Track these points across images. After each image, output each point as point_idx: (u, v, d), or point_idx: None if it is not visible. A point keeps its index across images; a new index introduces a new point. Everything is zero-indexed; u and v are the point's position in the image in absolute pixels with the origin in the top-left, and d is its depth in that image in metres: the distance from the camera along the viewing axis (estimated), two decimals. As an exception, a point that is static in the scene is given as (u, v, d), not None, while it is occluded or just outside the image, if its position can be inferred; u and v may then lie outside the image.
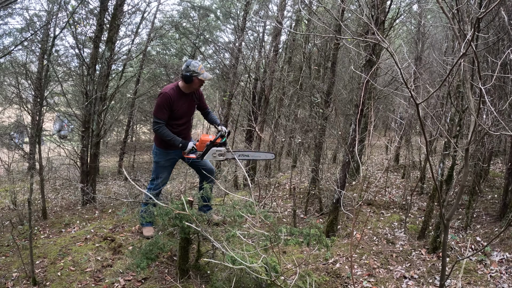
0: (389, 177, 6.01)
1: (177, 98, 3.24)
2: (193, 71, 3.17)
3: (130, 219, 4.06)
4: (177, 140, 3.24)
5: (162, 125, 3.21)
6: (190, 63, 3.19)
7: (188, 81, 3.19)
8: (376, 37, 1.57)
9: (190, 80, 3.19)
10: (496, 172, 5.70)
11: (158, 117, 3.20)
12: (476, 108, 1.71)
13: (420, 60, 7.82)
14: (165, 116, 3.21)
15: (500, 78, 3.80)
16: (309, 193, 4.48)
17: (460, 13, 2.56)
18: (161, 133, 3.21)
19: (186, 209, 1.94)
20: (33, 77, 7.33)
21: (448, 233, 2.33)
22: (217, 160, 3.64)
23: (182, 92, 3.29)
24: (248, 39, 10.64)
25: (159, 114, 3.20)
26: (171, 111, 3.24)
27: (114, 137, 14.08)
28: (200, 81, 3.26)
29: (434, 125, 4.43)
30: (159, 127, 3.21)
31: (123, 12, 6.57)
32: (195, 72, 3.18)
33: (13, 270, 2.99)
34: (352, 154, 3.44)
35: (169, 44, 13.32)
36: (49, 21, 6.70)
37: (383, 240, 3.45)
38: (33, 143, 6.17)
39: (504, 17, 3.13)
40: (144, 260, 2.36)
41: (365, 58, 3.35)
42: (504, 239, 3.11)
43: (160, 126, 3.21)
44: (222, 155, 3.38)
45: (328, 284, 2.64)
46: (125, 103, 10.04)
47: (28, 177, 7.08)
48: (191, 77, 3.18)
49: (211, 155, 3.33)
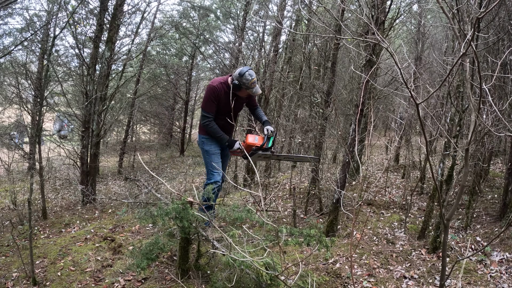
0: (389, 177, 6.01)
1: (223, 93, 3.14)
2: (244, 83, 3.09)
3: (130, 219, 4.07)
4: (224, 139, 3.18)
5: (211, 119, 3.14)
6: (244, 73, 3.06)
7: (235, 89, 3.12)
8: (376, 37, 1.57)
9: (237, 89, 3.12)
10: (496, 172, 5.70)
11: (207, 111, 3.12)
12: (476, 108, 1.71)
13: (420, 60, 7.82)
14: (213, 109, 3.12)
15: (500, 78, 3.80)
16: (309, 193, 4.47)
17: (460, 13, 2.56)
18: (210, 128, 3.14)
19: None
20: (33, 77, 7.33)
21: (448, 233, 2.33)
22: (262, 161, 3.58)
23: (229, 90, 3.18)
24: (248, 39, 10.64)
25: (207, 108, 3.12)
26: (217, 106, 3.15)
27: (114, 137, 14.08)
28: (248, 93, 3.20)
29: (434, 125, 4.43)
30: (208, 122, 3.13)
31: (123, 12, 6.57)
32: (245, 85, 3.10)
33: (13, 270, 2.99)
34: (352, 154, 3.44)
35: (169, 44, 13.32)
36: (49, 21, 6.70)
37: (383, 240, 3.45)
38: (33, 143, 6.17)
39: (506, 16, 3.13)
40: (144, 260, 2.36)
41: (365, 58, 3.35)
42: (504, 239, 3.10)
43: (209, 121, 3.14)
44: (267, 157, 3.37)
45: (328, 284, 2.64)
46: (125, 103, 10.04)
47: (28, 177, 7.08)
48: (240, 87, 3.11)
49: (256, 157, 3.32)
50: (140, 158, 2.96)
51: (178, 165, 11.17)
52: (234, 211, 2.44)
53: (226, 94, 3.15)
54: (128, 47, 8.88)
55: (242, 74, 3.06)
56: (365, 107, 4.54)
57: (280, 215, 4.37)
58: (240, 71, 3.08)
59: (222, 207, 2.60)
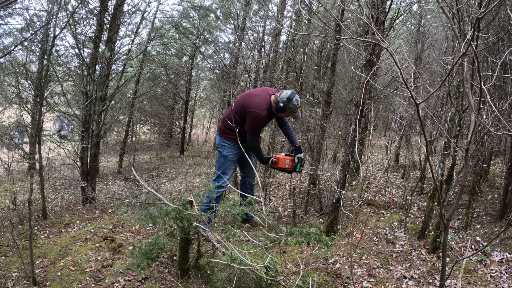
0: (389, 177, 6.01)
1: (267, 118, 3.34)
2: (290, 108, 3.24)
3: (130, 219, 4.07)
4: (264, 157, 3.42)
5: (258, 142, 3.38)
6: (292, 98, 3.22)
7: (280, 111, 3.27)
8: (376, 37, 1.57)
9: (281, 111, 3.28)
10: (496, 172, 5.70)
11: (255, 135, 3.34)
12: (476, 108, 1.71)
13: (420, 60, 7.82)
14: (259, 134, 3.39)
15: (500, 78, 3.80)
16: (308, 193, 4.47)
17: (460, 13, 2.56)
18: (256, 149, 3.37)
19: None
20: (33, 77, 7.33)
21: (448, 233, 2.33)
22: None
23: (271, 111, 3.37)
24: (248, 39, 10.65)
25: (256, 133, 3.33)
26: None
27: (114, 137, 14.07)
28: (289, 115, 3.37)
29: (434, 125, 4.42)
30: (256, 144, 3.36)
31: (123, 12, 6.57)
32: (291, 109, 3.25)
33: (13, 270, 2.99)
34: (352, 154, 3.44)
35: (169, 44, 13.32)
36: (49, 21, 6.70)
37: (383, 240, 3.45)
38: (33, 143, 6.17)
39: (506, 16, 3.13)
40: (144, 260, 2.36)
41: (365, 58, 3.35)
42: (504, 239, 3.10)
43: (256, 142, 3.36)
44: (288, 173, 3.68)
45: (328, 284, 2.64)
46: (125, 103, 10.03)
47: (28, 177, 7.08)
48: (284, 110, 3.26)
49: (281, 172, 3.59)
50: (134, 172, 2.95)
51: (178, 165, 11.16)
52: (235, 207, 2.44)
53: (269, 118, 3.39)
54: (128, 47, 8.88)
55: (291, 99, 3.21)
56: (365, 107, 4.54)
57: (280, 215, 4.36)
58: (289, 96, 3.21)
59: (223, 205, 2.60)
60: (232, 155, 3.42)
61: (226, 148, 3.40)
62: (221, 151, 3.43)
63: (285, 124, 3.62)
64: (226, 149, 3.40)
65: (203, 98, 17.91)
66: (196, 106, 17.76)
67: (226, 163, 3.41)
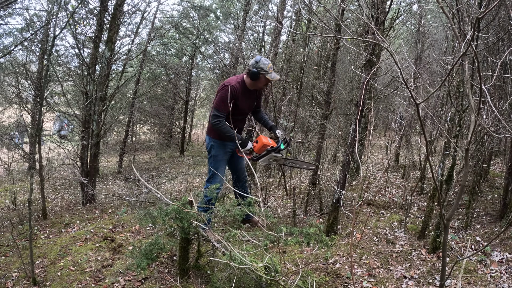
0: (389, 177, 6.01)
1: (241, 92, 3.11)
2: (262, 68, 3.04)
3: (130, 219, 4.07)
4: (237, 137, 3.10)
5: (222, 119, 3.06)
6: (259, 59, 3.05)
7: (255, 78, 3.07)
8: (376, 37, 1.57)
9: (256, 78, 3.07)
10: (496, 172, 5.70)
11: (220, 110, 3.04)
12: (476, 108, 1.71)
13: (420, 60, 7.82)
14: (227, 110, 3.02)
15: (500, 78, 3.80)
16: (308, 193, 4.47)
17: (460, 13, 2.56)
18: (220, 127, 3.06)
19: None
20: (33, 77, 7.33)
21: (448, 233, 2.33)
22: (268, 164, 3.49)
23: (246, 87, 3.17)
24: (248, 39, 10.64)
25: (221, 107, 3.04)
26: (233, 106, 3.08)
27: (114, 137, 14.07)
28: (267, 80, 3.12)
29: (434, 125, 4.43)
30: (219, 121, 3.05)
31: (123, 12, 6.57)
32: (263, 70, 3.04)
33: (13, 270, 2.99)
34: (352, 154, 3.44)
35: (169, 44, 13.33)
36: (49, 21, 6.70)
37: (383, 240, 3.45)
38: (33, 143, 6.17)
39: (506, 16, 3.13)
40: (144, 260, 2.36)
41: (365, 58, 3.35)
42: (504, 239, 3.10)
43: (220, 120, 3.06)
44: (277, 160, 3.26)
45: (328, 284, 2.64)
46: (125, 103, 10.03)
47: (28, 177, 7.08)
48: (258, 74, 3.05)
49: (267, 160, 3.21)
50: (135, 170, 2.96)
51: (178, 165, 11.17)
52: (234, 208, 2.44)
53: (244, 93, 3.13)
54: (128, 47, 8.88)
55: (258, 60, 3.04)
56: (365, 107, 4.54)
57: (280, 215, 4.37)
58: (255, 59, 3.06)
59: (222, 205, 2.60)
60: (222, 154, 3.28)
61: (214, 148, 3.26)
62: (210, 151, 3.31)
63: (258, 112, 3.46)
64: (215, 148, 3.26)
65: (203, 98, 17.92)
66: (196, 106, 17.76)
67: (216, 163, 3.27)
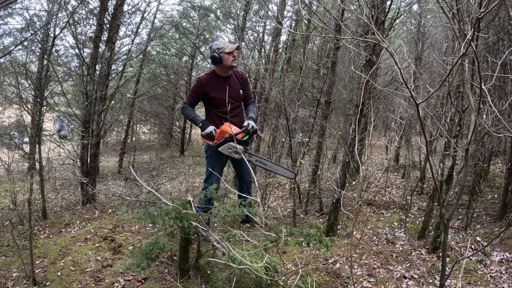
0: (389, 177, 6.01)
1: (211, 82, 3.14)
2: (217, 48, 3.09)
3: (130, 219, 4.06)
4: (198, 120, 3.18)
5: (187, 106, 3.23)
6: (212, 44, 3.15)
7: (217, 60, 3.10)
8: (376, 37, 1.57)
9: (219, 59, 3.10)
10: (496, 172, 5.70)
11: (186, 100, 3.24)
12: (476, 108, 1.71)
13: (420, 60, 7.81)
14: (192, 99, 3.23)
15: (500, 78, 3.80)
16: (308, 193, 4.47)
17: (460, 13, 2.56)
18: (184, 113, 3.24)
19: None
20: (33, 77, 7.33)
21: (448, 233, 2.33)
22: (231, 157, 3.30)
23: (219, 76, 3.20)
24: (248, 39, 10.64)
25: (187, 97, 3.24)
26: (206, 97, 3.20)
27: (114, 137, 14.07)
28: (229, 53, 3.11)
29: (434, 125, 4.43)
30: (182, 108, 3.24)
31: (123, 12, 6.57)
32: (219, 48, 3.08)
33: (13, 270, 2.99)
34: (352, 154, 3.44)
35: (169, 44, 13.33)
36: (49, 21, 6.70)
37: (383, 240, 3.45)
38: (33, 143, 6.17)
39: (506, 16, 3.13)
40: (144, 260, 2.36)
41: (365, 58, 3.35)
42: (504, 239, 3.10)
43: (184, 107, 3.23)
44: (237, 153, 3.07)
45: (328, 284, 2.64)
46: (125, 103, 10.04)
47: (28, 177, 7.08)
48: (217, 55, 3.09)
49: (226, 149, 3.08)
50: (133, 171, 2.96)
51: (178, 165, 11.17)
52: (235, 208, 2.44)
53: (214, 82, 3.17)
54: (128, 47, 8.88)
55: (211, 45, 3.15)
56: (365, 107, 4.54)
57: (280, 215, 4.37)
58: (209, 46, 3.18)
59: (223, 205, 2.60)
60: (217, 156, 3.25)
61: (209, 148, 3.26)
62: (207, 152, 3.32)
63: (248, 104, 3.45)
64: (209, 149, 3.27)
65: (203, 98, 17.89)
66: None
67: (211, 164, 3.27)
